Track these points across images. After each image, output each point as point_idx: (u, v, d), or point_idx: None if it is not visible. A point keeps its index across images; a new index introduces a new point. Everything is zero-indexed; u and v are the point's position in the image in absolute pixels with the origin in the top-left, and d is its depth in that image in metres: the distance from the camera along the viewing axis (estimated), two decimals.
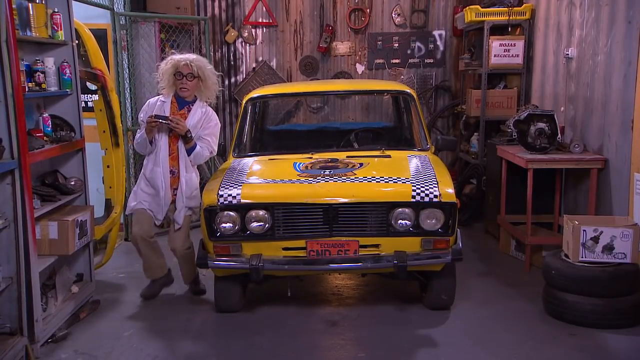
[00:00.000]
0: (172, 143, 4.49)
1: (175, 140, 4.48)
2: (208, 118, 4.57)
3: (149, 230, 4.58)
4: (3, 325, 3.61)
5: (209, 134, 4.56)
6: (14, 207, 3.56)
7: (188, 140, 4.44)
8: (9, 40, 3.47)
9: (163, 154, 4.47)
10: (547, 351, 3.86)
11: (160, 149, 4.47)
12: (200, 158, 4.57)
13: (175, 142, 4.49)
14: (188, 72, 4.43)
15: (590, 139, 5.22)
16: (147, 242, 4.57)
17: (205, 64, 4.51)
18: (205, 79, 4.49)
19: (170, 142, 4.48)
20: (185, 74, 4.43)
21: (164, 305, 4.70)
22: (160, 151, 4.46)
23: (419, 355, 3.85)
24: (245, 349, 3.94)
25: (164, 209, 4.55)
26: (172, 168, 4.50)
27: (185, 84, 4.45)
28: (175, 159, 4.51)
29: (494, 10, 6.67)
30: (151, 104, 4.59)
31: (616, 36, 4.76)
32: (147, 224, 4.57)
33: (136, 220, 4.63)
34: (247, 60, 8.18)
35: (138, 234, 4.56)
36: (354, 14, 8.07)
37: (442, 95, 8.20)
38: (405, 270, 4.03)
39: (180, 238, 4.59)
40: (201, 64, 4.46)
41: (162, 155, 4.47)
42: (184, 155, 4.49)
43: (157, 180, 4.49)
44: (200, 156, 4.54)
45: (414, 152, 4.96)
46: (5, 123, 3.50)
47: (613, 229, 4.11)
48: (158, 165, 4.48)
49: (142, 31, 6.57)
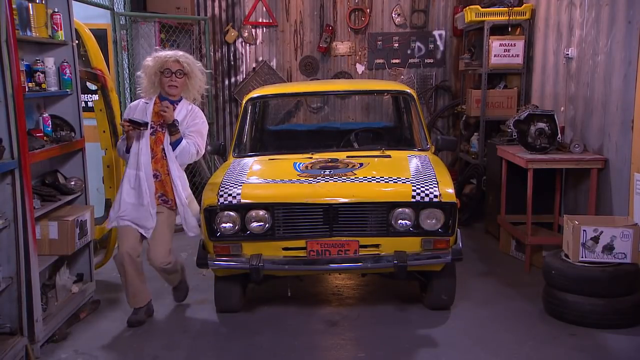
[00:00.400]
0: (155, 145, 4.16)
1: (160, 142, 4.16)
2: (194, 115, 4.26)
3: (135, 246, 4.19)
4: (3, 325, 3.61)
5: (195, 131, 4.22)
6: (14, 207, 3.56)
7: (174, 131, 4.12)
8: (9, 40, 3.47)
9: (144, 157, 4.12)
10: (547, 351, 3.86)
11: (141, 151, 4.11)
12: (187, 155, 4.18)
13: (159, 144, 4.16)
14: (177, 68, 4.16)
15: (590, 139, 5.22)
16: (134, 262, 4.17)
17: (194, 61, 4.28)
18: (192, 76, 4.23)
19: (152, 144, 4.15)
20: (174, 71, 4.15)
21: (164, 305, 4.70)
22: (142, 154, 4.11)
23: (419, 355, 3.85)
24: (245, 349, 3.94)
25: (152, 217, 4.17)
26: (155, 172, 4.17)
27: (175, 81, 4.17)
28: (159, 161, 4.18)
29: (494, 10, 6.67)
30: (132, 107, 4.31)
31: (616, 36, 4.76)
32: (134, 240, 4.19)
33: (121, 238, 4.24)
34: (247, 60, 8.18)
35: (125, 252, 4.15)
36: (354, 14, 8.08)
37: (442, 95, 8.21)
38: (405, 270, 4.03)
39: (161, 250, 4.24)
40: (190, 61, 4.22)
41: (143, 160, 4.11)
42: (173, 156, 4.16)
43: (140, 186, 4.13)
44: (186, 152, 4.16)
45: (414, 152, 4.96)
46: (6, 123, 3.50)
47: (613, 229, 4.11)
48: (140, 169, 4.12)
49: (142, 31, 6.57)
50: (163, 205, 4.24)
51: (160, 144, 4.18)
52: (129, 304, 4.34)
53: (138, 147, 4.12)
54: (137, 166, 4.14)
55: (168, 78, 4.17)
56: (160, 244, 4.23)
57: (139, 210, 4.16)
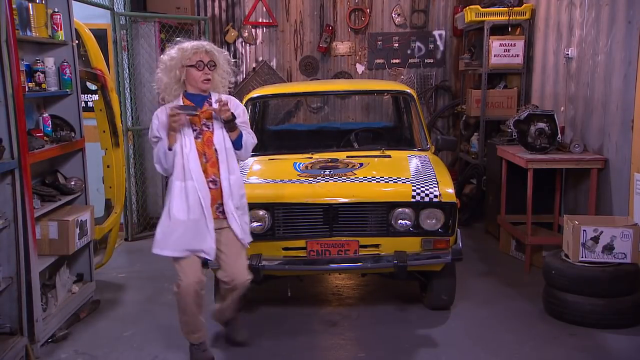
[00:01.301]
0: (207, 147, 3.55)
1: (211, 142, 3.56)
2: (235, 105, 3.66)
3: (201, 277, 3.58)
4: (3, 325, 3.61)
5: (243, 121, 3.69)
6: (14, 207, 3.56)
7: (234, 127, 3.55)
8: (9, 40, 3.48)
9: (193, 164, 3.49)
10: (547, 351, 3.86)
11: (188, 158, 3.49)
12: (250, 147, 3.69)
13: (211, 145, 3.55)
14: (209, 60, 3.57)
15: (590, 139, 5.22)
16: (199, 296, 3.59)
17: (220, 50, 3.70)
18: (219, 67, 3.66)
19: (201, 147, 3.54)
20: (206, 63, 3.55)
21: (164, 305, 4.70)
22: (190, 161, 3.49)
23: (419, 355, 3.85)
24: (245, 349, 3.94)
25: (211, 235, 3.51)
26: (212, 177, 3.55)
27: (209, 74, 3.58)
28: (215, 164, 3.56)
29: (494, 10, 6.67)
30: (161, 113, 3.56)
31: (616, 36, 4.76)
32: (197, 270, 3.57)
33: (182, 270, 3.54)
34: (247, 60, 8.18)
35: (192, 286, 3.51)
36: (354, 14, 8.08)
37: (442, 95, 8.21)
38: (405, 270, 4.03)
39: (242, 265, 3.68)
40: (216, 50, 3.66)
41: (192, 166, 3.49)
42: (225, 156, 3.57)
43: (190, 197, 3.49)
44: (250, 145, 3.67)
45: (414, 152, 4.96)
46: (6, 123, 3.50)
47: (613, 229, 4.11)
48: (189, 178, 3.48)
49: (142, 31, 6.57)
50: (223, 218, 3.61)
51: (212, 145, 3.57)
52: (188, 339, 3.77)
53: (182, 154, 3.50)
54: (184, 176, 3.50)
55: (201, 71, 3.55)
56: (238, 258, 3.67)
57: (194, 229, 3.50)
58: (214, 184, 3.55)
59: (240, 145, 3.61)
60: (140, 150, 6.69)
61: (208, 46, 3.60)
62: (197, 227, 3.50)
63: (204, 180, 3.51)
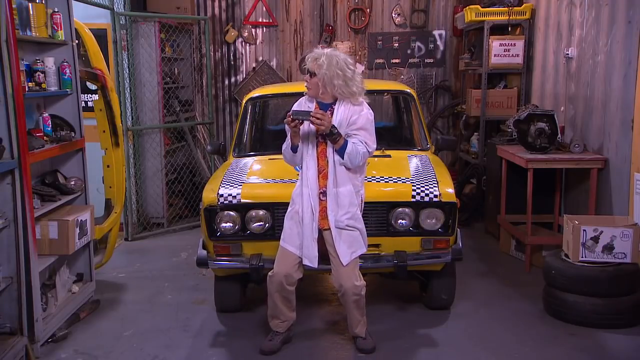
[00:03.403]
0: (321, 158, 3.62)
1: (324, 154, 3.61)
2: (352, 112, 3.61)
3: (292, 273, 3.70)
4: (3, 325, 3.61)
5: (357, 128, 3.60)
6: (14, 207, 3.56)
7: (335, 137, 3.53)
8: (9, 40, 3.48)
9: (312, 171, 3.61)
10: (547, 351, 3.86)
11: (308, 166, 3.62)
12: (357, 156, 3.56)
13: (324, 157, 3.61)
14: (309, 68, 3.63)
15: (591, 138, 5.22)
16: (285, 290, 3.73)
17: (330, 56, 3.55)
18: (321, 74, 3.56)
19: (317, 157, 3.62)
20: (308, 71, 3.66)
21: (164, 305, 4.70)
22: (309, 169, 3.62)
23: (419, 355, 3.85)
24: (246, 349, 3.94)
25: (314, 244, 3.63)
26: (323, 188, 3.62)
27: (309, 82, 3.66)
28: (326, 176, 3.62)
29: (494, 10, 6.67)
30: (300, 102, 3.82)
31: (616, 36, 4.76)
32: (292, 265, 3.69)
33: (279, 258, 3.75)
34: (247, 60, 8.19)
35: (281, 276, 3.70)
36: (354, 13, 8.08)
37: (442, 95, 8.21)
38: (405, 270, 4.03)
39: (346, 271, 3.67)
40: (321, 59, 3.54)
41: (310, 174, 3.61)
42: (334, 169, 3.59)
43: (303, 204, 3.63)
44: (356, 154, 3.55)
45: (414, 152, 4.96)
46: (5, 123, 3.50)
47: (613, 228, 4.11)
48: (305, 185, 3.62)
49: (142, 31, 6.57)
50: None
51: (325, 157, 3.63)
52: (270, 325, 3.94)
53: (305, 157, 3.64)
54: (302, 181, 3.66)
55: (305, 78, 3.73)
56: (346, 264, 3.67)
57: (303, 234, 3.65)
58: (323, 196, 3.64)
59: (342, 156, 3.57)
60: (140, 150, 6.68)
61: (314, 55, 3.61)
62: (305, 233, 3.65)
63: (317, 191, 3.63)
